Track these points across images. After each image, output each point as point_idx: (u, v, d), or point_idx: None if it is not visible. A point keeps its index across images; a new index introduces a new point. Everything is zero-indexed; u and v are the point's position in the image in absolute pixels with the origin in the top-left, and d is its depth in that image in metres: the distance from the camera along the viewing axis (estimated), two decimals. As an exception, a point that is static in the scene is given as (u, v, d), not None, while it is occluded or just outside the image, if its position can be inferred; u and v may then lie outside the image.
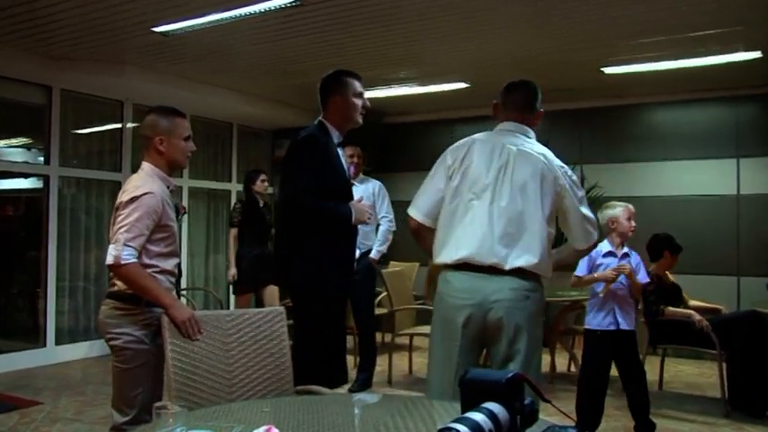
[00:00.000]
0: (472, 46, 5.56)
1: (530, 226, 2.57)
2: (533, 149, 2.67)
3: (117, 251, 2.54)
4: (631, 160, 7.24)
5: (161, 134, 2.79)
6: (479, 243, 2.57)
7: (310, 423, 1.85)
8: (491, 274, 2.55)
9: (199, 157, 8.08)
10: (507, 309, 2.54)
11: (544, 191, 2.60)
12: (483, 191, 2.63)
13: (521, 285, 2.55)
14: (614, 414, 4.77)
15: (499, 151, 2.67)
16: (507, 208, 2.58)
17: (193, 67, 6.34)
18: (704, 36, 5.17)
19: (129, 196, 2.63)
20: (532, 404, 1.42)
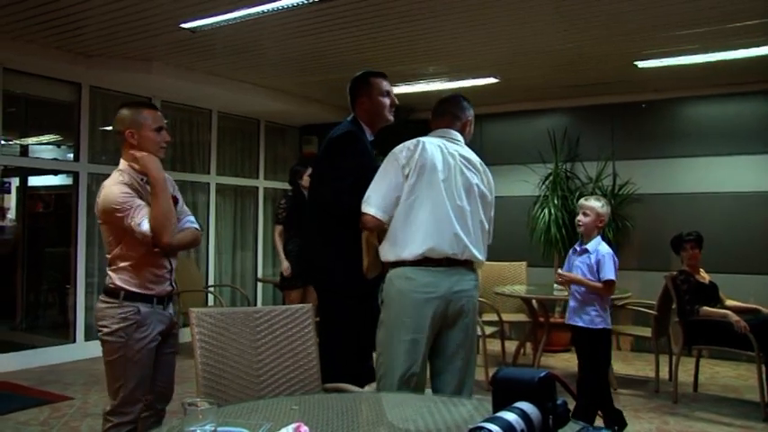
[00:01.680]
0: (502, 40, 5.47)
1: (477, 223, 2.89)
2: (472, 155, 2.98)
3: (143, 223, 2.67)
4: (665, 156, 7.08)
5: (130, 127, 2.80)
6: (438, 238, 2.76)
7: (339, 421, 1.83)
8: (449, 267, 2.78)
9: (226, 153, 8.12)
10: (468, 299, 2.84)
11: (484, 194, 2.95)
12: (439, 188, 2.81)
13: (473, 277, 2.89)
14: (647, 416, 4.67)
15: (448, 153, 2.89)
16: (460, 206, 2.83)
17: (221, 64, 6.34)
18: (742, 27, 5.01)
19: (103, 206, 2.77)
20: (565, 404, 1.37)
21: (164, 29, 5.15)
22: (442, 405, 1.90)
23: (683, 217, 6.60)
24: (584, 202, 4.10)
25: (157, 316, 2.81)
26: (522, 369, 1.41)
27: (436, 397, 1.98)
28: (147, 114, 2.83)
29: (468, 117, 3.12)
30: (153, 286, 2.80)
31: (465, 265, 2.84)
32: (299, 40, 5.52)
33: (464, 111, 3.11)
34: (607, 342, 4.09)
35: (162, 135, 2.87)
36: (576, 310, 4.03)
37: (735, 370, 6.04)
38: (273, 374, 2.50)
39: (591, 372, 4.01)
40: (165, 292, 2.86)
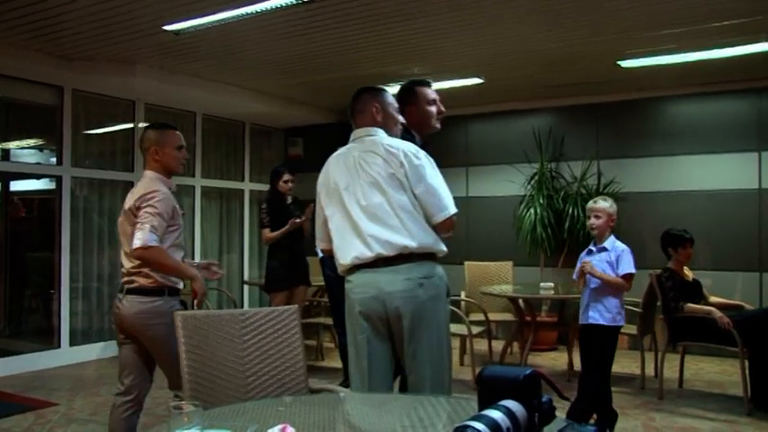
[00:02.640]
0: (486, 41, 5.49)
1: (397, 212, 2.71)
2: (376, 143, 2.83)
3: (144, 235, 2.92)
4: (649, 155, 7.13)
5: (155, 145, 3.21)
6: (356, 244, 2.75)
7: (325, 422, 1.82)
8: (380, 267, 2.70)
9: (211, 156, 8.09)
10: (402, 299, 2.68)
11: (396, 176, 2.74)
12: (342, 197, 2.81)
13: (412, 274, 2.68)
14: (633, 413, 4.69)
15: (346, 160, 2.87)
16: (371, 204, 2.74)
17: (205, 66, 6.32)
18: (725, 26, 5.06)
19: (143, 192, 3.04)
20: (550, 402, 1.37)
21: (147, 31, 5.12)
22: (429, 404, 1.90)
23: (666, 215, 6.65)
24: (594, 206, 4.12)
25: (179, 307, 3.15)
26: (507, 367, 1.42)
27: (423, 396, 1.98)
28: (170, 134, 3.27)
29: (376, 104, 2.96)
30: (177, 281, 3.19)
31: (402, 260, 2.70)
32: (284, 42, 5.51)
33: (367, 102, 2.98)
34: (617, 339, 4.14)
35: (182, 153, 3.29)
36: (594, 308, 4.03)
37: (719, 366, 6.09)
38: (260, 376, 2.49)
39: (599, 371, 4.02)
40: (181, 288, 3.24)
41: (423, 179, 2.74)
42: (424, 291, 2.70)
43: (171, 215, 3.08)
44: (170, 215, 3.07)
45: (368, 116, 2.96)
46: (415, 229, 2.71)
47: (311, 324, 6.57)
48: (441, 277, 2.78)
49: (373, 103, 2.96)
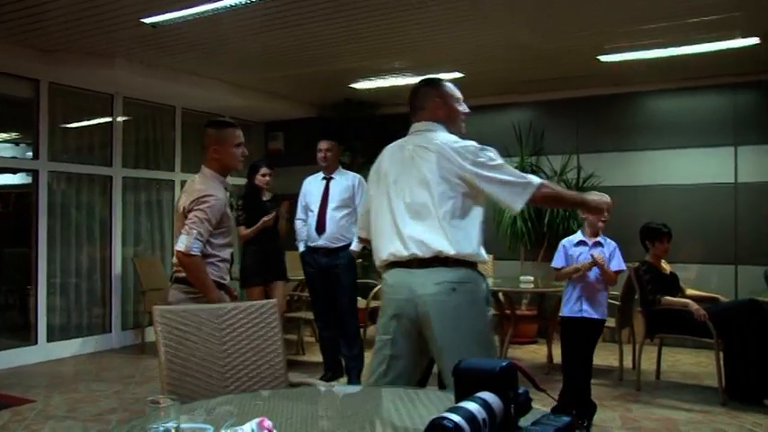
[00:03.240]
0: (466, 35, 5.50)
1: (440, 214, 2.60)
2: (432, 141, 2.71)
3: (189, 242, 3.08)
4: (628, 149, 7.19)
5: (214, 144, 3.28)
6: (394, 241, 2.67)
7: (303, 415, 1.83)
8: (415, 268, 2.61)
9: (191, 150, 8.02)
10: (432, 303, 2.57)
11: (446, 178, 2.62)
12: (389, 190, 2.75)
13: (446, 278, 2.57)
14: (610, 404, 4.74)
15: (401, 152, 2.79)
16: (416, 202, 2.65)
17: (183, 59, 6.27)
18: (702, 22, 5.10)
19: (197, 196, 3.16)
20: (526, 393, 1.38)
21: (124, 24, 5.06)
22: (407, 398, 1.90)
23: (645, 209, 6.71)
24: None
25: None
26: (484, 359, 1.43)
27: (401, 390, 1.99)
28: (229, 132, 3.33)
29: (437, 98, 2.83)
30: (225, 276, 3.32)
31: (436, 264, 2.59)
32: (263, 35, 5.48)
33: (427, 97, 2.85)
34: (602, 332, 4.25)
35: (240, 149, 3.35)
36: (588, 302, 4.09)
37: (695, 357, 6.16)
38: (239, 370, 2.47)
39: (583, 363, 4.08)
40: (228, 283, 3.38)
41: (486, 177, 2.60)
42: (457, 296, 2.58)
43: (220, 220, 3.21)
44: (218, 220, 3.20)
45: (428, 112, 2.83)
46: (456, 235, 2.59)
47: (292, 318, 6.56)
48: (477, 284, 2.66)
49: (434, 98, 2.83)
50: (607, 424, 4.31)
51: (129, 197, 7.36)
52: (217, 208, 3.17)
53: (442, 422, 1.24)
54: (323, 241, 5.26)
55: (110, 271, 7.05)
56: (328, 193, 5.31)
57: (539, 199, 2.66)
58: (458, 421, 1.23)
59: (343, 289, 5.26)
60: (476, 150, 2.63)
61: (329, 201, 5.28)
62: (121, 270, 7.13)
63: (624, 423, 4.34)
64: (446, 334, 2.57)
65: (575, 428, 1.41)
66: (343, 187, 5.32)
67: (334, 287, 5.26)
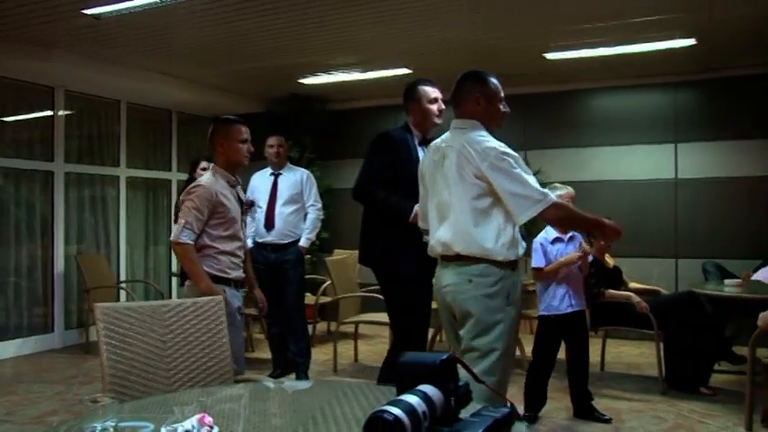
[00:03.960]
0: (413, 31, 5.52)
1: (459, 215, 2.72)
2: (457, 141, 2.76)
3: (177, 230, 3.22)
4: (574, 145, 7.34)
5: (221, 139, 3.40)
6: (432, 238, 2.90)
7: (245, 411, 1.82)
8: (443, 262, 2.85)
9: (136, 145, 7.87)
10: (451, 293, 2.78)
11: (466, 180, 2.69)
12: (426, 191, 2.98)
13: (465, 271, 2.72)
14: (557, 396, 4.83)
15: (437, 149, 2.89)
16: (441, 201, 2.81)
17: (128, 52, 6.13)
18: (642, 22, 5.25)
19: (186, 192, 3.32)
20: (467, 386, 1.40)
21: (65, 14, 4.92)
22: (351, 392, 1.91)
23: (590, 204, 6.76)
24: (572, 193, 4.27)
25: (234, 296, 3.34)
26: (425, 353, 1.44)
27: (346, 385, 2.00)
28: (235, 128, 3.43)
29: (478, 93, 2.82)
30: (230, 271, 3.35)
31: (457, 259, 2.75)
32: (210, 29, 5.40)
33: (469, 90, 2.85)
34: None
35: (246, 146, 3.45)
36: (576, 295, 4.17)
37: (638, 348, 6.33)
38: (184, 368, 2.46)
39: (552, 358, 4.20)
40: (239, 278, 3.44)
41: (502, 182, 2.62)
42: (473, 287, 2.70)
43: (212, 209, 3.26)
44: (210, 209, 3.25)
45: (469, 105, 2.83)
46: (473, 234, 2.68)
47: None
48: (498, 278, 2.71)
49: (475, 93, 2.83)
50: (553, 415, 4.39)
51: (73, 193, 7.17)
52: (205, 197, 3.24)
53: (382, 415, 1.24)
54: (271, 237, 5.23)
55: (52, 269, 6.86)
56: (277, 188, 5.28)
57: (548, 218, 2.79)
58: (398, 414, 1.24)
59: (291, 285, 5.23)
60: (497, 154, 2.64)
61: (278, 197, 5.26)
62: (64, 268, 6.95)
63: (570, 413, 4.42)
64: (464, 322, 2.77)
65: (514, 419, 1.44)
66: (292, 183, 5.31)
67: (282, 283, 5.23)
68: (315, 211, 5.36)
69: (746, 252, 6.24)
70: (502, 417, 1.37)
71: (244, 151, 3.43)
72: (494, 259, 2.68)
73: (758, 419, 4.04)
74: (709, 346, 4.82)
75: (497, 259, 2.69)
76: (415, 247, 3.45)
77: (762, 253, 5.90)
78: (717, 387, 4.87)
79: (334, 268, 5.76)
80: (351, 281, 6.12)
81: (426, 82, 3.72)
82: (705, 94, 6.86)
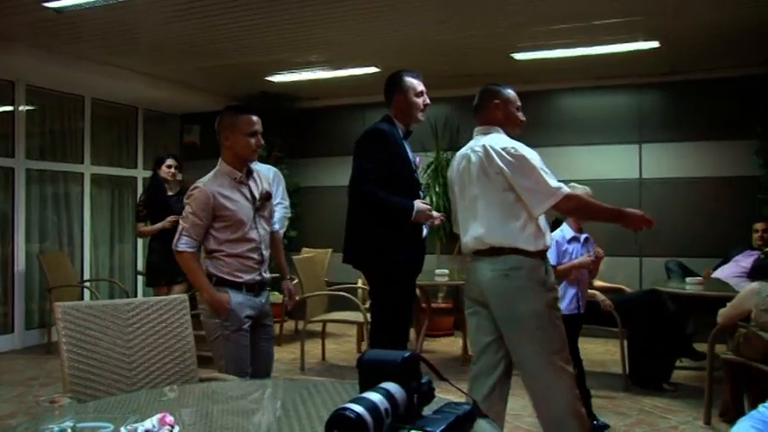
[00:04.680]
0: (381, 30, 5.52)
1: (484, 209, 2.91)
2: (480, 143, 2.96)
3: (176, 238, 3.02)
4: (541, 145, 7.28)
5: (226, 130, 3.09)
6: (464, 236, 3.05)
7: (209, 409, 1.81)
8: (477, 258, 2.98)
9: (101, 142, 7.75)
10: (488, 289, 2.91)
11: (490, 177, 2.89)
12: (455, 192, 3.13)
13: (499, 265, 2.88)
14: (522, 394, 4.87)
15: (463, 154, 3.08)
16: (470, 200, 2.99)
17: (91, 47, 6.03)
18: (608, 24, 5.32)
19: (186, 194, 3.08)
20: (429, 383, 1.41)
21: (25, 7, 4.82)
22: (315, 391, 1.91)
23: (556, 203, 6.92)
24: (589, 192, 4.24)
25: (247, 302, 3.08)
26: (387, 350, 1.44)
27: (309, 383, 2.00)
28: (242, 119, 3.10)
29: (497, 99, 3.09)
30: (242, 275, 3.07)
31: (491, 254, 2.90)
32: (177, 25, 5.34)
33: (488, 97, 3.12)
34: None
35: (255, 139, 3.13)
36: (582, 297, 4.17)
37: (603, 346, 6.41)
38: (147, 367, 2.43)
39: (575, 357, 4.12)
40: (255, 281, 3.11)
41: (518, 178, 2.83)
42: (510, 281, 2.86)
43: (211, 213, 3.01)
44: (209, 213, 3.00)
45: (488, 112, 3.09)
46: (503, 227, 2.87)
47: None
48: (531, 270, 2.86)
49: (494, 99, 3.09)
50: (518, 412, 4.43)
51: (35, 190, 7.03)
52: (201, 200, 2.99)
53: (344, 413, 1.24)
54: None
55: (12, 268, 6.72)
56: None
57: (564, 210, 3.02)
58: (360, 412, 1.24)
59: None
60: (515, 153, 2.86)
61: None
62: (26, 267, 6.81)
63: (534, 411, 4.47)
64: (503, 317, 2.91)
65: (475, 417, 1.45)
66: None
67: None
68: (281, 209, 5.24)
69: (708, 251, 6.36)
70: (464, 414, 1.38)
71: (252, 145, 3.10)
72: (525, 249, 2.86)
73: (716, 413, 4.14)
74: (671, 344, 4.91)
75: (528, 249, 2.86)
76: (411, 246, 3.50)
77: (722, 252, 6.02)
78: (678, 383, 4.97)
79: (301, 267, 5.74)
80: (318, 279, 6.10)
81: (412, 73, 3.65)
82: (669, 96, 6.98)
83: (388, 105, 3.65)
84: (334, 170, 8.03)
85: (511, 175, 2.83)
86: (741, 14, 5.09)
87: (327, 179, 8.18)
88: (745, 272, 5.37)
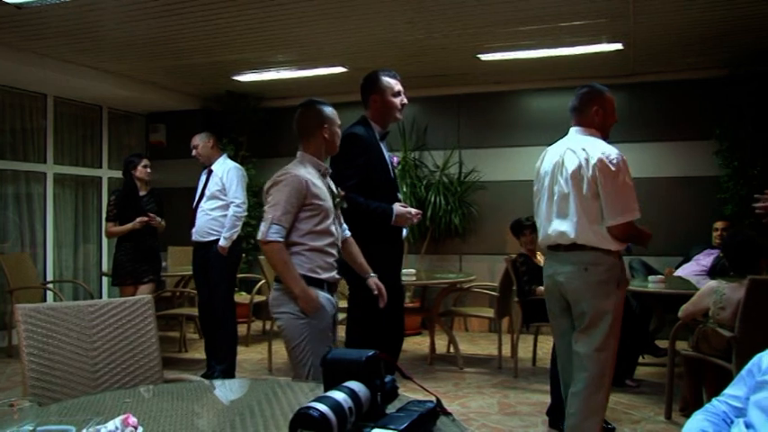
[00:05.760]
0: (348, 30, 5.53)
1: (578, 209, 3.07)
2: (579, 145, 3.14)
3: (264, 227, 2.82)
4: (507, 145, 7.48)
5: (324, 123, 2.99)
6: (546, 228, 3.22)
7: (172, 411, 1.81)
8: (558, 252, 3.17)
9: (64, 141, 7.63)
10: (568, 281, 3.11)
11: (585, 182, 3.05)
12: (544, 186, 3.28)
13: (580, 259, 3.07)
14: (489, 392, 4.93)
15: (558, 149, 3.26)
16: (560, 196, 3.14)
17: (53, 45, 5.92)
18: (572, 27, 5.40)
19: (272, 182, 2.89)
20: (393, 382, 1.43)
21: (-16, 3, 4.73)
22: (281, 390, 1.91)
23: (524, 203, 6.94)
24: None
25: (328, 302, 2.93)
26: (351, 350, 1.46)
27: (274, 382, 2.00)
28: (334, 112, 3.04)
29: (596, 105, 3.24)
30: (322, 272, 2.90)
31: (572, 248, 3.09)
32: (142, 23, 5.28)
33: (588, 102, 3.27)
34: None
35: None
36: None
37: (568, 344, 6.50)
38: (112, 369, 2.41)
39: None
40: (334, 280, 3.00)
41: (603, 184, 3.00)
42: (589, 275, 3.06)
43: (302, 200, 2.83)
44: (301, 201, 2.82)
45: (587, 116, 3.25)
46: (587, 227, 3.04)
47: (174, 315, 6.39)
48: (610, 266, 3.07)
49: (593, 105, 3.25)
50: (485, 410, 4.48)
51: (-5, 190, 6.91)
52: (295, 187, 2.81)
53: (308, 412, 1.26)
54: (194, 236, 5.20)
55: (-28, 269, 6.57)
56: (207, 185, 5.22)
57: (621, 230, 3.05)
58: (323, 410, 1.26)
59: (215, 285, 5.16)
60: (612, 160, 3.02)
61: (205, 193, 5.19)
62: (-14, 268, 6.67)
63: (501, 409, 4.52)
64: (580, 308, 3.10)
65: (438, 414, 1.47)
66: (218, 179, 5.20)
67: (210, 283, 5.18)
68: (232, 208, 5.10)
69: (670, 250, 6.48)
70: (426, 411, 1.40)
71: (336, 140, 3.05)
72: (606, 248, 3.05)
73: (677, 408, 4.23)
74: (633, 341, 5.00)
75: (609, 249, 3.05)
76: (389, 246, 3.50)
77: (683, 251, 6.15)
78: (640, 379, 5.06)
79: (269, 267, 5.72)
80: (286, 279, 6.08)
81: (389, 73, 3.64)
82: (631, 97, 7.09)
83: (365, 106, 3.66)
84: (301, 170, 7.99)
85: (601, 180, 3.00)
86: (700, 18, 5.21)
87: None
88: (706, 270, 5.50)
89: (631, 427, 4.10)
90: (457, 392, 4.91)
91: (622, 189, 3.03)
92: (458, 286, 6.17)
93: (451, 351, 6.12)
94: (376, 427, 1.31)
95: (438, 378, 5.32)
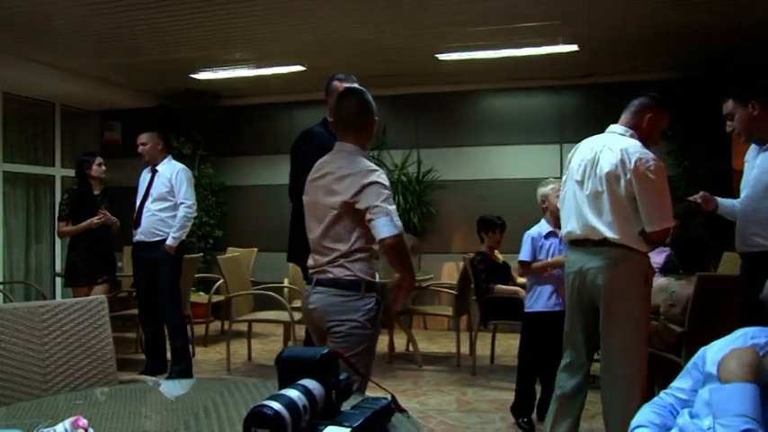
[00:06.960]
0: (305, 28, 5.51)
1: (612, 207, 3.06)
2: (618, 145, 3.13)
3: (389, 221, 2.55)
4: (465, 144, 7.54)
5: (375, 116, 2.91)
6: (574, 222, 3.21)
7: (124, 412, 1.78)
8: (588, 247, 3.16)
9: (14, 139, 7.44)
10: (596, 274, 3.10)
11: (621, 182, 3.05)
12: (575, 178, 3.24)
13: (609, 255, 3.08)
14: (448, 389, 4.97)
15: (594, 145, 3.26)
16: (592, 192, 3.13)
17: (3, 39, 5.76)
18: (528, 28, 5.47)
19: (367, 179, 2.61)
20: (347, 379, 1.44)
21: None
22: (236, 389, 1.90)
23: (481, 202, 7.06)
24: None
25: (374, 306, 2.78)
26: (306, 348, 1.46)
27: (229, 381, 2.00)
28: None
29: (650, 113, 3.28)
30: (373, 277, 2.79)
31: (602, 244, 3.09)
32: (95, 18, 5.18)
33: (642, 108, 3.31)
34: None
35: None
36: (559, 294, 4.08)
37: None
38: (64, 371, 2.37)
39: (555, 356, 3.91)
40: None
41: (642, 190, 3.01)
42: (617, 270, 3.07)
43: None
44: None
45: (639, 119, 3.28)
46: (621, 226, 3.05)
47: (131, 316, 6.28)
48: (638, 263, 3.10)
49: (651, 112, 3.29)
50: (444, 408, 4.52)
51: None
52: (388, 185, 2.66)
53: (262, 410, 1.26)
54: (139, 236, 5.16)
55: None
56: (152, 185, 5.18)
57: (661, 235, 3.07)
58: (278, 408, 1.26)
59: (160, 284, 5.12)
60: (649, 166, 3.03)
61: (150, 194, 5.18)
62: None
63: (460, 406, 4.56)
64: (608, 302, 3.09)
65: (392, 411, 1.48)
66: (165, 179, 5.19)
67: (154, 283, 5.15)
68: (183, 209, 5.13)
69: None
70: (381, 408, 1.41)
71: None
72: (635, 248, 3.07)
73: (631, 404, 4.31)
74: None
75: (639, 249, 3.08)
76: None
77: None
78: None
79: (226, 266, 5.67)
80: (243, 279, 6.05)
81: (340, 76, 3.75)
82: (587, 98, 7.22)
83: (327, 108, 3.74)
84: (260, 169, 7.96)
85: (639, 185, 3.00)
86: (652, 21, 5.32)
87: (253, 178, 8.10)
88: (658, 268, 5.62)
89: (588, 422, 4.17)
90: (416, 390, 4.94)
91: (661, 196, 3.06)
92: (416, 285, 6.19)
93: (410, 349, 6.15)
94: (330, 425, 1.32)
95: (397, 376, 5.34)
